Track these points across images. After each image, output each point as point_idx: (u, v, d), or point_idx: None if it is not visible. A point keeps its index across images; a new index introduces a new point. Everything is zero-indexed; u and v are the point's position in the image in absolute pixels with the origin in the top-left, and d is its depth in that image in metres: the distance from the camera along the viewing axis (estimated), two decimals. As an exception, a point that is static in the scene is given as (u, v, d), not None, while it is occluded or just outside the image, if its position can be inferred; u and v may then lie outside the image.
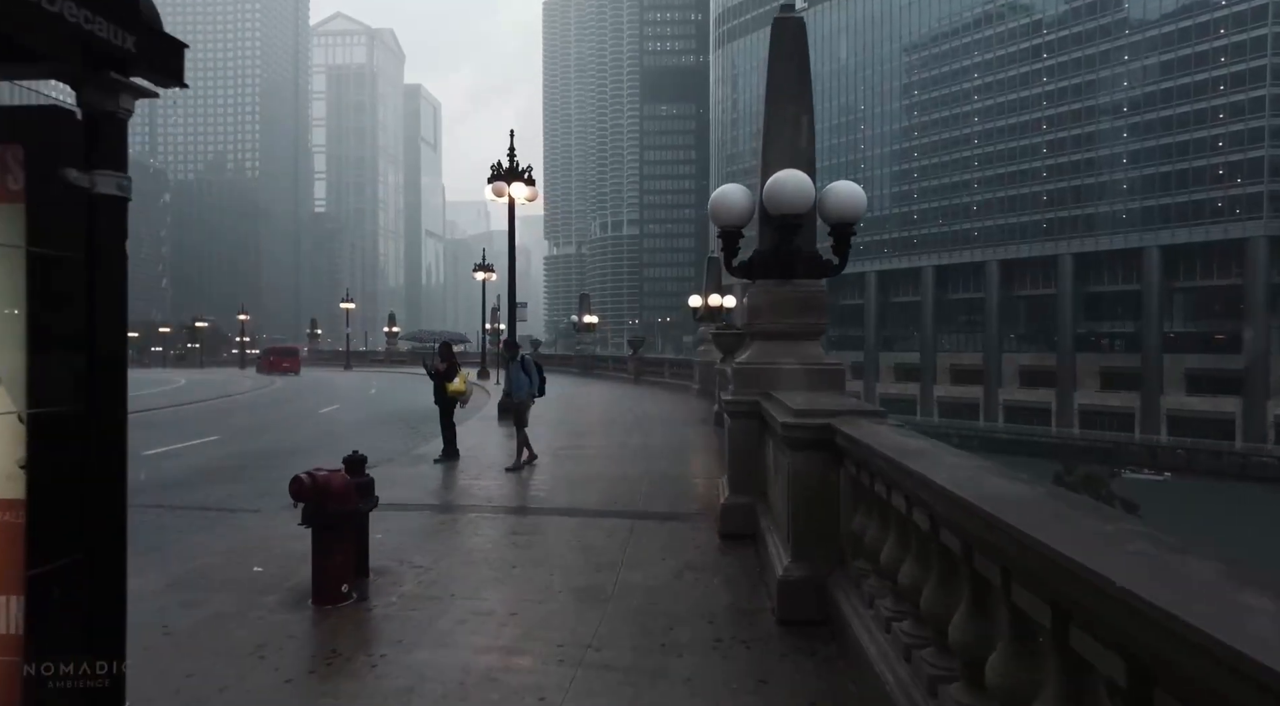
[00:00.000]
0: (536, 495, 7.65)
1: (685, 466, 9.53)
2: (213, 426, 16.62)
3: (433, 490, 8.02)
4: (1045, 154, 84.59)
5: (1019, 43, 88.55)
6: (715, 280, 20.92)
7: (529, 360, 9.88)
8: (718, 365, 14.11)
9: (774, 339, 5.94)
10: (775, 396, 5.13)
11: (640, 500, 7.31)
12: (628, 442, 11.51)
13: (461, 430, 13.21)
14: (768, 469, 5.40)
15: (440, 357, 10.65)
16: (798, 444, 3.99)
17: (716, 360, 19.16)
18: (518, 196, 15.13)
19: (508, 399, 15.32)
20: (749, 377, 5.85)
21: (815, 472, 3.97)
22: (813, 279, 5.96)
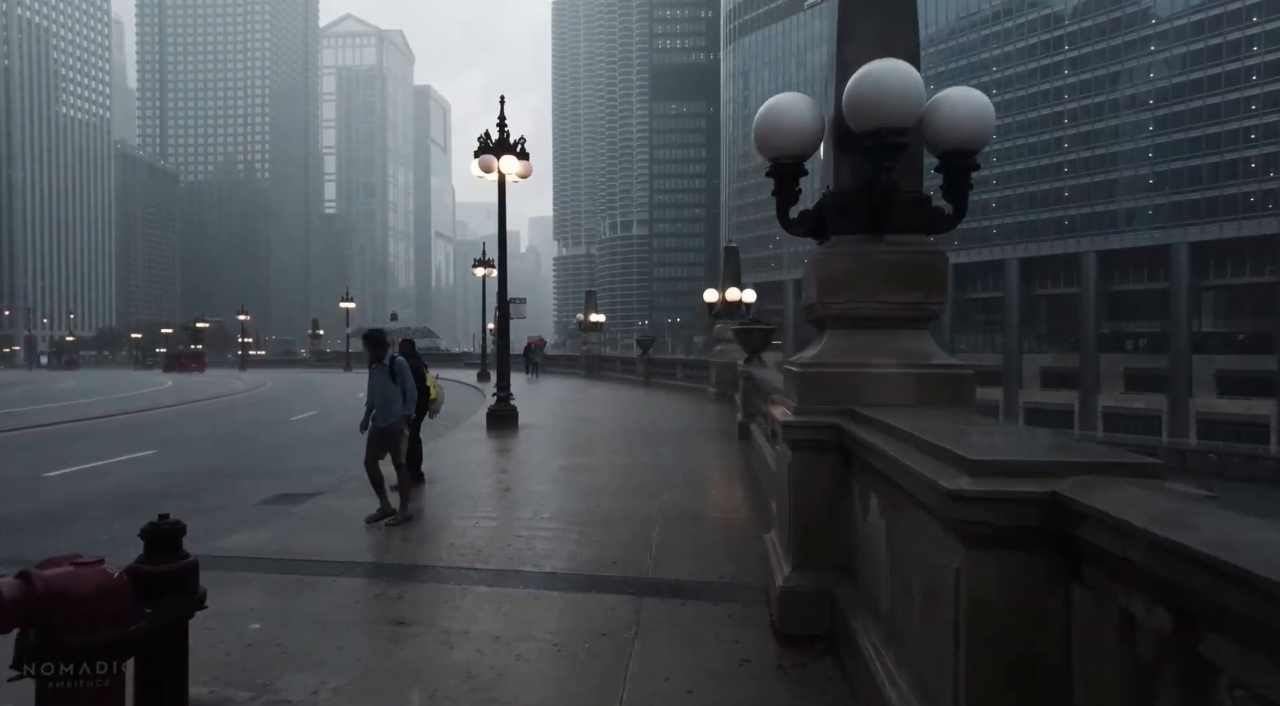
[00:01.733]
0: (512, 546, 5.54)
1: (709, 499, 7.40)
2: (162, 436, 14.67)
3: (375, 538, 5.93)
4: (1067, 149, 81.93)
5: (1038, 34, 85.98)
6: (733, 273, 18.81)
7: (402, 363, 6.77)
8: (740, 367, 11.98)
9: (861, 326, 3.83)
10: (880, 418, 3.03)
11: (650, 557, 5.19)
12: (635, 463, 9.38)
13: (441, 444, 11.16)
14: (865, 538, 3.28)
15: (403, 352, 8.62)
16: (986, 535, 1.89)
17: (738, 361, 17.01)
18: (508, 171, 13.06)
19: (500, 405, 13.28)
20: (821, 385, 3.73)
21: (1021, 594, 1.87)
22: (918, 234, 3.85)
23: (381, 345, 6.71)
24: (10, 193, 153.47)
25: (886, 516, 2.86)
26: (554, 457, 9.92)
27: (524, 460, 9.92)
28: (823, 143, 4.17)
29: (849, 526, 3.57)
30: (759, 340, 11.68)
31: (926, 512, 2.18)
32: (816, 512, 3.68)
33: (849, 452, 3.49)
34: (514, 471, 9.24)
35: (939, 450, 2.13)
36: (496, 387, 13.41)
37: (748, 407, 11.37)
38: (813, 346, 4.13)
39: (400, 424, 6.59)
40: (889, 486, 2.76)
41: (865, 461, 3.16)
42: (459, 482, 8.27)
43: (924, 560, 2.28)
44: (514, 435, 12.30)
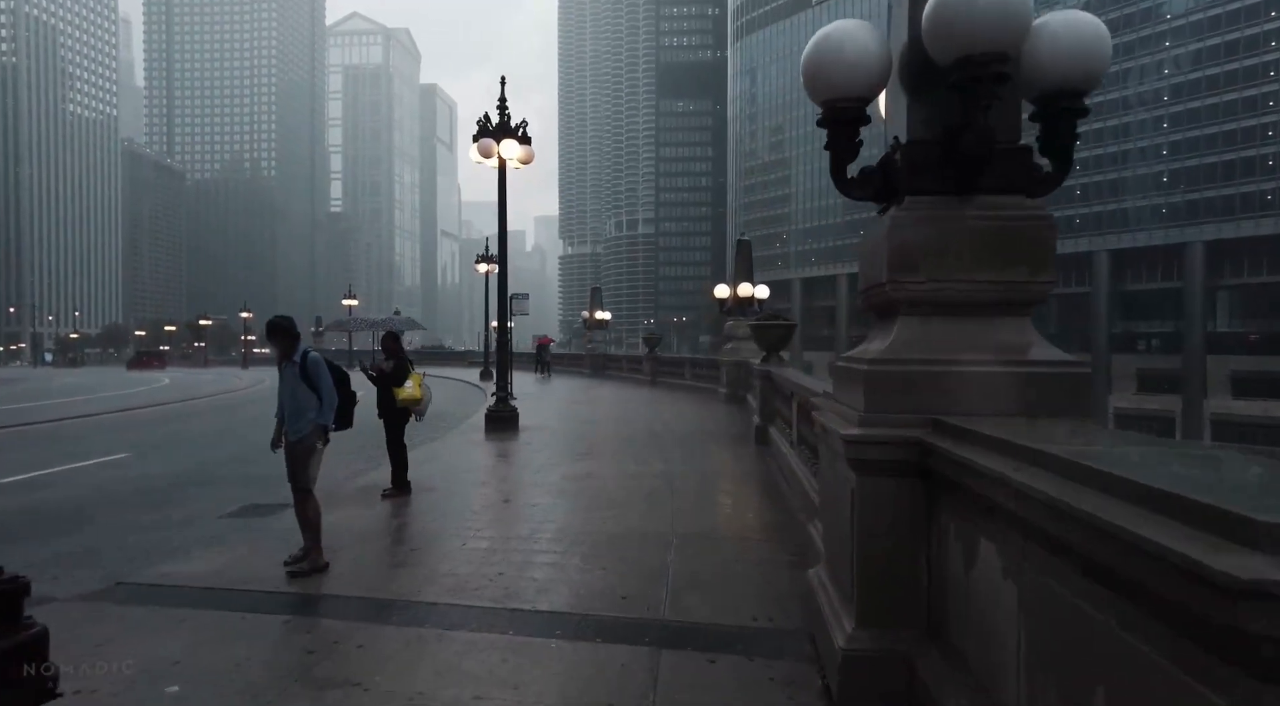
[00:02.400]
0: (504, 575, 4.71)
1: (728, 516, 6.53)
2: (144, 436, 13.89)
3: (343, 564, 5.10)
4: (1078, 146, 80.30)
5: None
6: (745, 267, 17.94)
7: (316, 360, 5.09)
8: (757, 366, 11.11)
9: (945, 313, 2.98)
10: (1003, 436, 2.18)
11: (666, 591, 4.34)
12: (644, 471, 8.52)
13: (435, 447, 10.34)
14: (966, 598, 2.42)
15: (384, 347, 7.73)
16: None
17: (750, 360, 16.15)
18: (509, 156, 12.22)
19: (500, 406, 12.45)
20: (897, 388, 2.88)
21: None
22: (1015, 195, 2.99)
23: (289, 337, 5.06)
24: (18, 190, 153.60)
25: (1019, 578, 2.00)
26: (556, 465, 9.07)
27: (524, 467, 9.08)
28: (887, 87, 3.32)
29: (938, 576, 2.71)
30: (777, 337, 10.81)
31: (1153, 613, 1.32)
32: (891, 556, 2.82)
33: (939, 478, 2.64)
34: (512, 480, 8.41)
35: (1194, 507, 1.27)
36: (496, 388, 12.58)
37: (765, 410, 10.52)
38: (876, 338, 3.28)
39: (312, 437, 4.98)
40: (1026, 536, 1.92)
41: (971, 493, 2.31)
42: (450, 493, 7.43)
43: (1126, 669, 1.41)
44: (514, 438, 11.47)
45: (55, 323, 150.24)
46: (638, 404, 17.69)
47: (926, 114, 3.05)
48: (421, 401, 7.33)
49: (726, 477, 8.48)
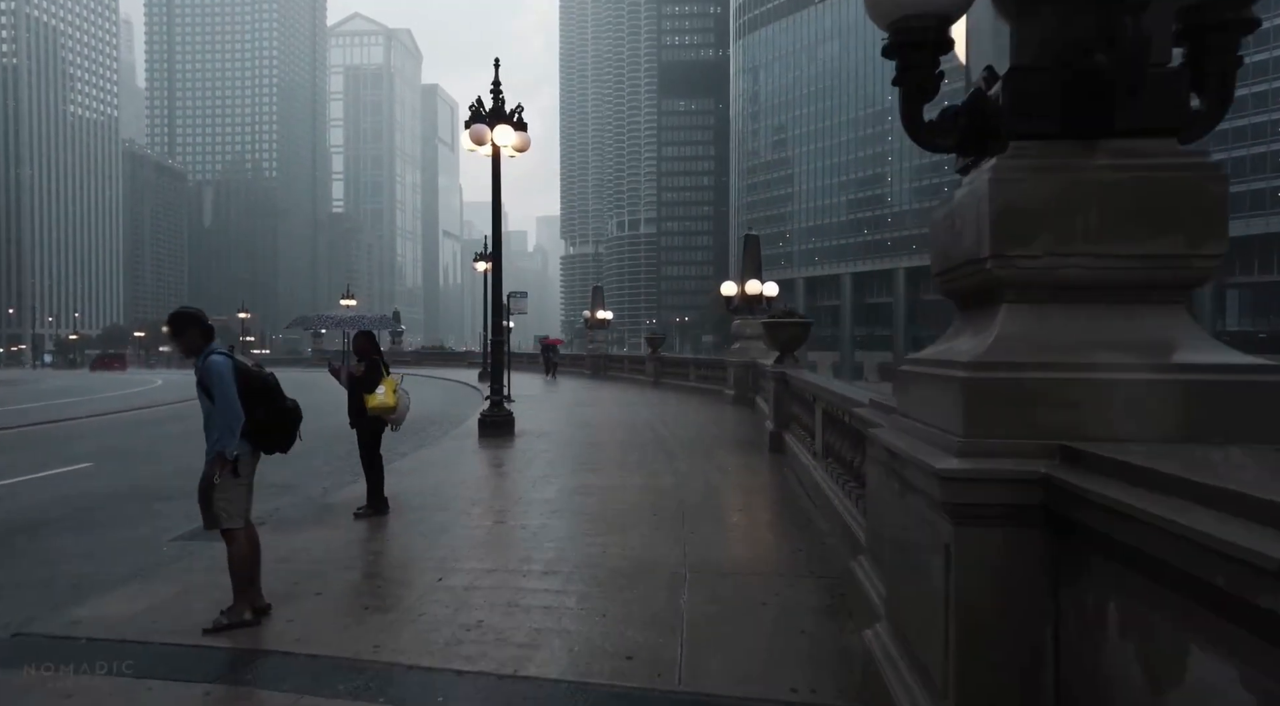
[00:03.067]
0: (484, 623, 3.90)
1: (748, 542, 5.69)
2: (114, 443, 13.08)
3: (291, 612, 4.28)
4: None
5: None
6: (753, 263, 17.12)
7: (216, 365, 3.92)
8: (770, 368, 10.29)
9: (1067, 298, 2.17)
10: (1198, 479, 1.36)
11: (680, 647, 3.52)
12: (650, 485, 7.71)
13: (422, 457, 9.54)
14: (1116, 693, 1.60)
15: (356, 349, 6.72)
16: None
17: (758, 360, 15.35)
18: (504, 143, 11.42)
19: (494, 410, 11.66)
20: (1005, 400, 2.07)
21: None
22: (1163, 137, 2.18)
23: (190, 332, 3.95)
24: (19, 192, 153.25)
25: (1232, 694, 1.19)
26: (553, 476, 8.25)
27: (517, 480, 8.27)
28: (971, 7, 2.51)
29: (1072, 666, 1.91)
30: (791, 335, 9.99)
31: None
32: (1004, 634, 2.01)
33: (1083, 531, 1.83)
34: (502, 496, 7.59)
35: None
36: (490, 390, 11.78)
37: (779, 414, 9.70)
38: (963, 333, 2.47)
39: (212, 467, 3.87)
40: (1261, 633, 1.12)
41: (1144, 558, 1.50)
42: (432, 512, 6.61)
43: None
44: (509, 445, 10.67)
45: (55, 324, 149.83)
46: (641, 406, 16.88)
47: (1041, 31, 2.24)
48: (396, 410, 6.49)
49: (741, 492, 7.66)
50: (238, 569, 3.97)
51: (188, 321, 4.03)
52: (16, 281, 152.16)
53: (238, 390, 3.90)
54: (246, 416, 3.91)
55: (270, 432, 4.09)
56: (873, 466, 3.28)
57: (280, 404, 4.14)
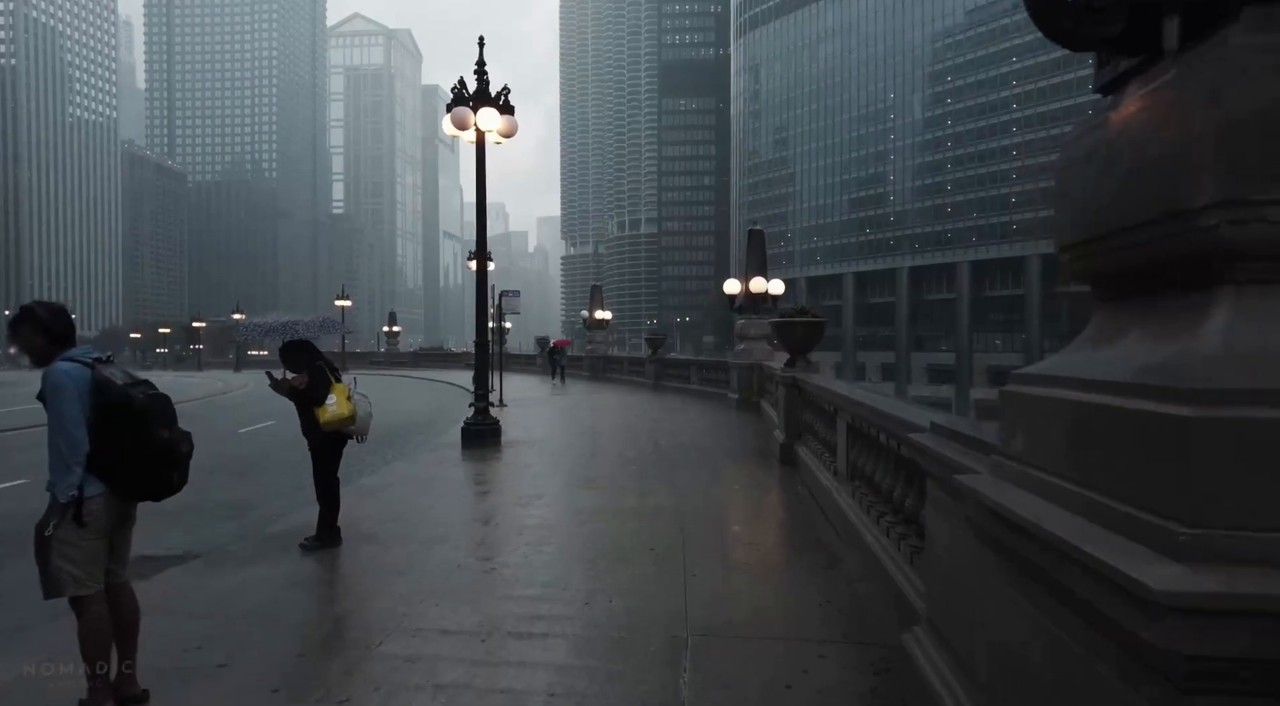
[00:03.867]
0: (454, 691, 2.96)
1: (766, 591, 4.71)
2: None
3: (176, 696, 3.31)
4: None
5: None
6: (758, 260, 16.17)
7: (57, 380, 2.89)
8: (779, 372, 9.35)
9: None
10: None
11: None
12: (646, 507, 6.75)
13: (396, 472, 8.60)
14: None
15: (286, 364, 5.64)
16: None
17: (767, 362, 14.41)
18: (488, 127, 10.49)
19: (478, 418, 10.73)
20: (1270, 458, 1.12)
21: None
22: None
23: (35, 335, 2.99)
24: (17, 192, 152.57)
25: None
26: (536, 497, 7.29)
27: (496, 502, 7.31)
28: None
29: None
30: (804, 336, 9.04)
31: None
32: None
33: None
34: (479, 522, 6.62)
35: None
36: (475, 396, 10.84)
37: (791, 423, 8.76)
38: (1129, 337, 1.54)
39: (53, 514, 2.88)
40: None
41: None
42: (390, 546, 5.66)
43: None
44: (493, 458, 9.73)
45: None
46: (640, 412, 15.93)
47: None
48: (353, 419, 5.53)
49: (752, 517, 6.71)
50: (90, 651, 2.96)
51: (22, 319, 3.03)
52: (15, 282, 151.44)
53: (92, 415, 2.91)
54: (96, 452, 2.91)
55: (130, 476, 3.02)
56: (948, 521, 2.34)
57: (146, 436, 3.01)
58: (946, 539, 2.44)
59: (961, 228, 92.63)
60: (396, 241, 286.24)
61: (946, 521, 2.42)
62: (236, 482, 8.94)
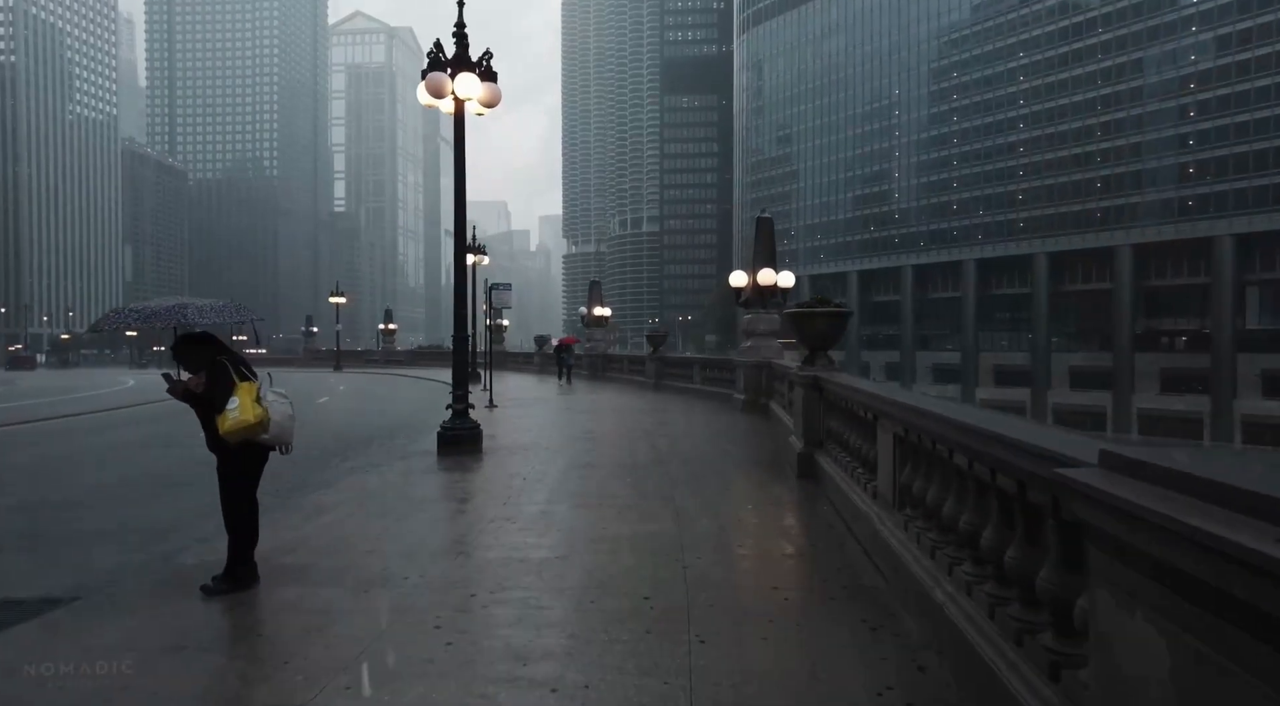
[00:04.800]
0: None
1: (801, 669, 3.46)
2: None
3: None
4: (1099, 137, 77.42)
5: (1069, 17, 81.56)
6: (766, 250, 14.97)
7: None
8: (796, 371, 8.16)
9: None
10: None
11: None
12: (642, 535, 5.55)
13: (354, 486, 7.45)
14: None
15: (180, 362, 4.48)
16: None
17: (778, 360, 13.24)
18: (468, 96, 9.32)
19: (456, 422, 9.57)
20: None
21: None
22: None
23: None
24: (17, 190, 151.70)
25: None
26: (510, 523, 6.08)
27: (463, 528, 6.12)
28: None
29: None
30: (825, 329, 7.83)
31: None
32: None
33: None
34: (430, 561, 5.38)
35: None
36: (453, 397, 9.68)
37: (812, 431, 7.59)
38: None
39: None
40: None
41: None
42: (316, 589, 4.46)
43: None
44: (471, 468, 8.57)
45: (51, 324, 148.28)
46: (639, 414, 14.75)
47: None
48: (263, 426, 4.29)
49: (771, 550, 5.51)
50: None
51: None
52: (15, 281, 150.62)
53: None
54: None
55: None
56: (1171, 640, 1.17)
57: None
58: (1165, 672, 1.27)
59: (967, 225, 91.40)
60: (398, 240, 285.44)
61: (1164, 637, 1.25)
62: (167, 498, 7.81)
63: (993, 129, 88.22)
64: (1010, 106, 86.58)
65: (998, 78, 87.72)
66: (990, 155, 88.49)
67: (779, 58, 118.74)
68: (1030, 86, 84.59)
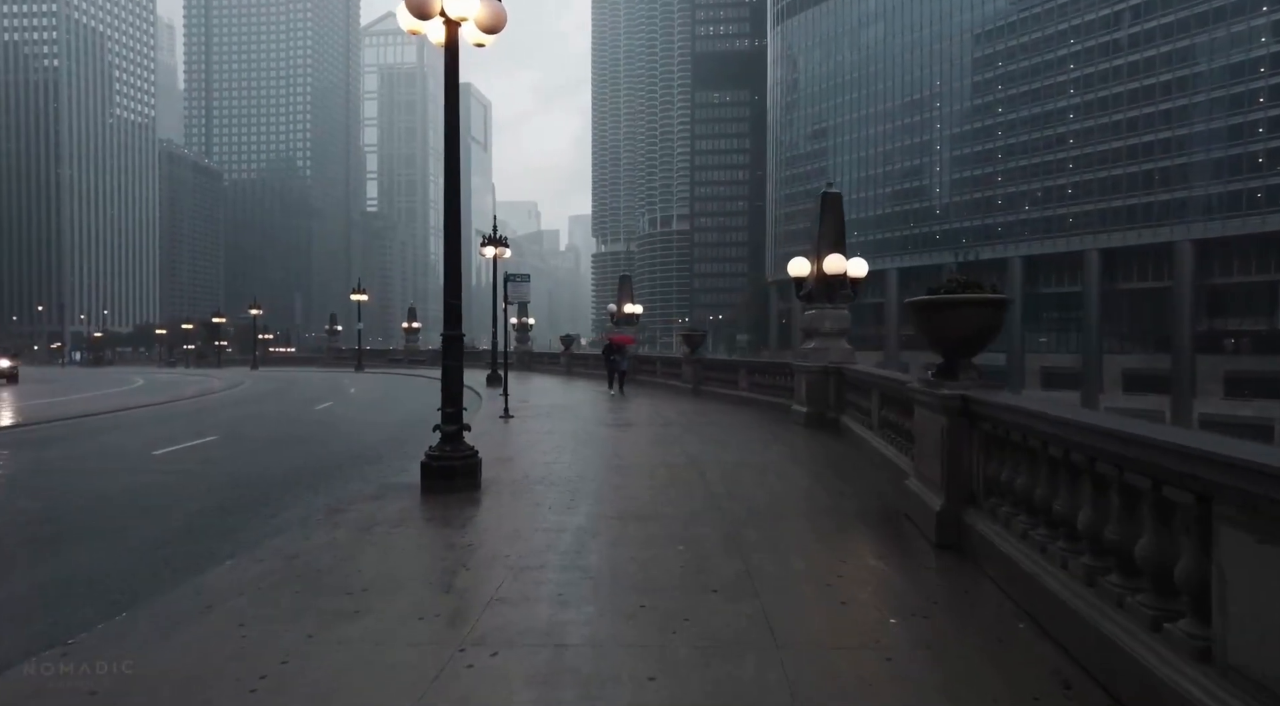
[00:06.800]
0: None
1: None
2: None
3: None
4: (1159, 126, 72.97)
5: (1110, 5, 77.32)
6: (833, 231, 12.38)
7: None
8: (922, 388, 5.64)
9: None
10: None
11: None
12: (721, 679, 3.13)
13: (283, 546, 5.11)
14: None
15: None
16: None
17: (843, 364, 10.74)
18: (461, 15, 6.97)
19: (446, 449, 7.22)
20: None
21: None
22: None
23: None
24: (59, 191, 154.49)
25: None
26: (506, 650, 3.67)
27: (422, 660, 3.66)
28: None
29: None
30: (978, 324, 5.25)
31: None
32: None
33: None
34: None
35: None
36: (442, 416, 7.30)
37: (960, 479, 5.08)
38: None
39: None
40: None
41: None
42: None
43: None
44: (458, 519, 6.19)
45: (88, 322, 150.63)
46: (680, 430, 12.27)
47: None
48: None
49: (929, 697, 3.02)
50: None
51: None
52: (57, 278, 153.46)
53: None
54: None
55: None
56: None
57: None
58: None
59: (1012, 221, 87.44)
60: (429, 239, 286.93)
61: None
62: (107, 535, 5.61)
63: (1040, 120, 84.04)
64: (1059, 95, 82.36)
65: (1045, 66, 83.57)
66: (1037, 147, 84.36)
67: (814, 49, 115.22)
68: (1081, 74, 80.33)
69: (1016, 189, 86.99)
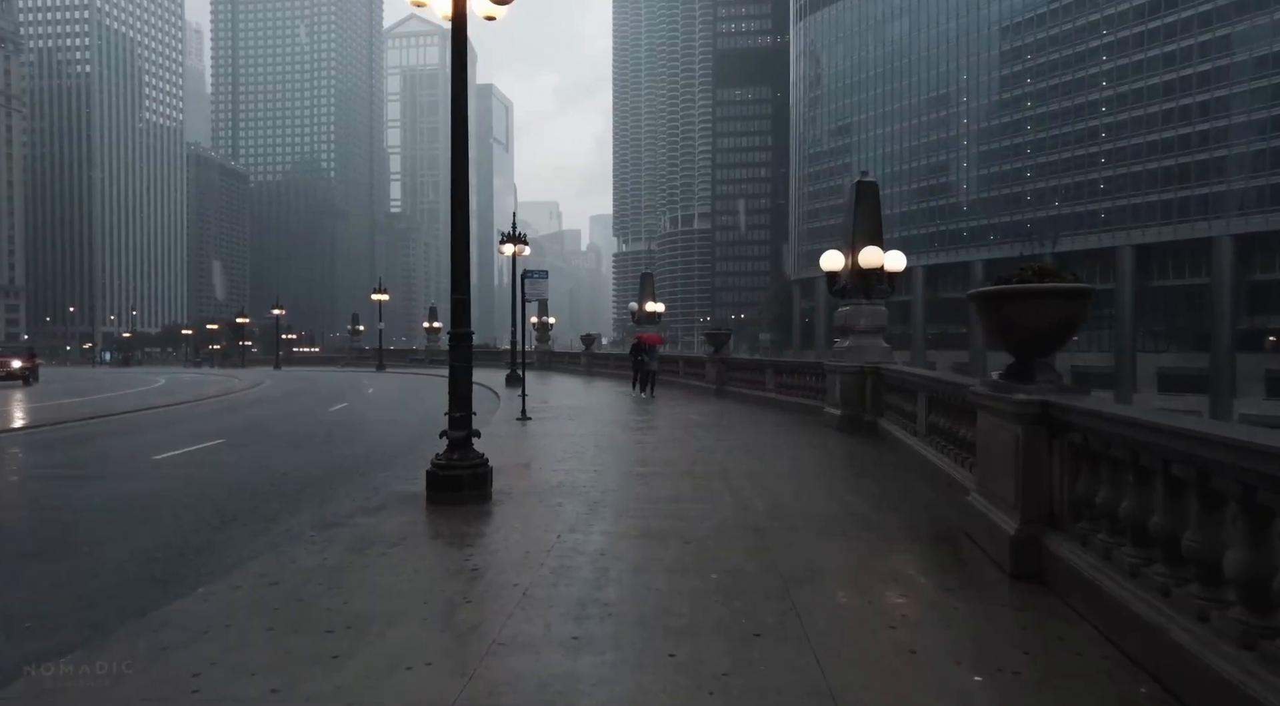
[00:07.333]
0: None
1: None
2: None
3: None
4: (1195, 117, 70.64)
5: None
6: (869, 222, 11.61)
7: None
8: (991, 392, 4.91)
9: None
10: None
11: None
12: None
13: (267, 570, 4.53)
14: None
15: None
16: None
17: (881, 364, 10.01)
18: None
19: (454, 457, 6.60)
20: None
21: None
22: None
23: None
24: (90, 194, 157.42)
25: None
26: (514, 680, 3.07)
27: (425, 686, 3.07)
28: None
29: None
30: (1058, 319, 4.51)
31: None
32: None
33: None
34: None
35: None
36: (449, 419, 6.70)
37: (1037, 497, 4.36)
38: None
39: None
40: None
41: None
42: None
43: None
44: (464, 537, 5.58)
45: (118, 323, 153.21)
46: (707, 434, 11.58)
47: None
48: None
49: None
50: None
51: None
52: (89, 280, 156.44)
53: None
54: None
55: None
56: None
57: None
58: None
59: (1042, 217, 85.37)
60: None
61: None
62: (49, 562, 5.09)
63: (1070, 114, 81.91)
64: (1091, 88, 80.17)
65: (1076, 58, 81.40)
66: (1068, 142, 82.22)
67: (838, 44, 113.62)
68: (1114, 65, 78.09)
69: (1046, 184, 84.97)
